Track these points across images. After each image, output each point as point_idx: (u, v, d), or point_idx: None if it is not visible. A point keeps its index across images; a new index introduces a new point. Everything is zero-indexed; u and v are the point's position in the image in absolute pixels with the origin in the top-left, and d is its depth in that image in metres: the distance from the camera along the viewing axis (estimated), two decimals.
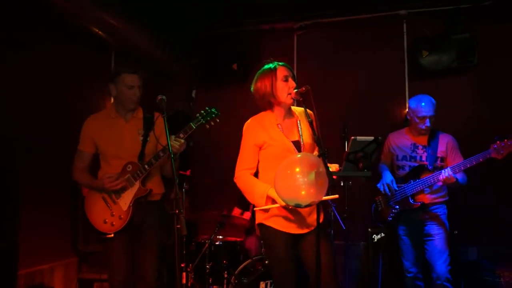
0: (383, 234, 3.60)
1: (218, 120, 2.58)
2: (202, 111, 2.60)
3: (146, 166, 2.65)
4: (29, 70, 3.47)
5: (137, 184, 2.68)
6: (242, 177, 2.50)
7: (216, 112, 2.57)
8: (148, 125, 2.76)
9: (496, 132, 2.90)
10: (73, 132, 3.94)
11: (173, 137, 2.54)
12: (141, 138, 2.71)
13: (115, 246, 2.68)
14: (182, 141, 2.56)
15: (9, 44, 3.32)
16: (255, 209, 2.50)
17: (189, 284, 3.49)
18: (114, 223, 2.65)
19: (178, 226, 2.23)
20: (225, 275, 3.48)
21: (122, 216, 2.65)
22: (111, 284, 2.69)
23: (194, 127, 2.57)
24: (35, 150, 3.51)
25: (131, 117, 2.79)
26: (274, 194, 2.29)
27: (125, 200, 2.68)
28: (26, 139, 3.40)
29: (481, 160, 2.85)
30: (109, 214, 2.67)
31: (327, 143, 2.25)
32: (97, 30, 3.62)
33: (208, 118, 2.57)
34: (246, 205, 4.00)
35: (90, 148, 2.78)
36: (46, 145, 3.62)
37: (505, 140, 2.79)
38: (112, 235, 2.64)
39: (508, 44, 4.02)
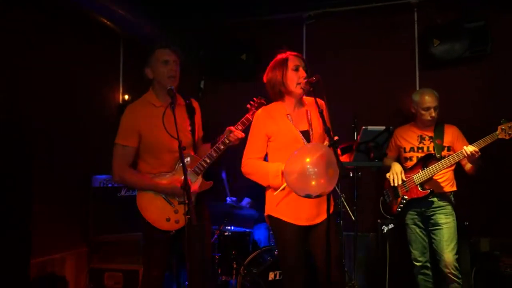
0: (392, 225, 3.60)
1: None
2: (252, 102, 2.61)
3: (207, 160, 2.52)
4: (37, 66, 3.48)
5: (200, 179, 2.54)
6: (251, 163, 2.48)
7: (265, 102, 2.60)
8: (191, 112, 2.58)
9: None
10: (85, 124, 3.97)
11: (229, 129, 2.53)
12: (190, 128, 2.51)
13: (161, 240, 2.50)
14: (242, 133, 2.54)
15: (18, 40, 3.33)
16: (275, 193, 2.39)
17: None
18: (178, 220, 2.49)
19: (188, 216, 2.20)
20: (234, 266, 3.49)
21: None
22: (147, 276, 2.52)
23: (251, 119, 2.55)
24: (47, 141, 3.53)
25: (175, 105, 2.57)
26: None
27: None
28: (39, 131, 3.42)
29: (489, 141, 2.95)
30: (172, 212, 2.50)
31: (338, 133, 2.23)
32: (105, 20, 3.60)
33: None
34: (256, 195, 4.01)
35: (135, 142, 2.51)
36: (59, 136, 3.64)
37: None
38: (174, 232, 2.48)
39: None
